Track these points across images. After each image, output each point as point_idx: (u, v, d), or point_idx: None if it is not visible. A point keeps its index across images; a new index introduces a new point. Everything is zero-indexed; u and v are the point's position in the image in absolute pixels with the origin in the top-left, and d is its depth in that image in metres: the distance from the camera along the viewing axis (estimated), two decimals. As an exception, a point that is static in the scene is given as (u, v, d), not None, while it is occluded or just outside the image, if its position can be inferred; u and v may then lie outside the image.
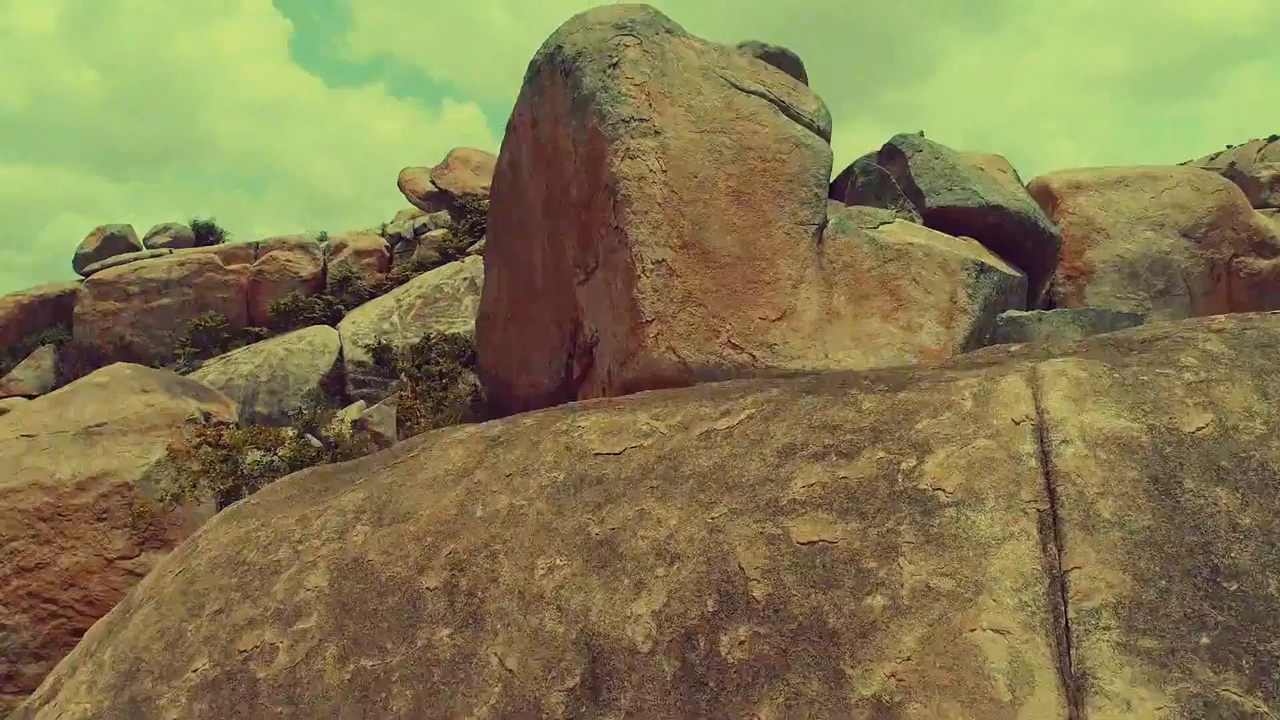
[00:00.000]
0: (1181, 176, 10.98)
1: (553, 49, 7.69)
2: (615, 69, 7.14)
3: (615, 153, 6.88)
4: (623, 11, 7.71)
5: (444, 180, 26.21)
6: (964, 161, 9.16)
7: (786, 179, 7.29)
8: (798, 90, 8.14)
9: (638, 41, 7.33)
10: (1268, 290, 10.78)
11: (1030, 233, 8.98)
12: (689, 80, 7.39)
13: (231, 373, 20.25)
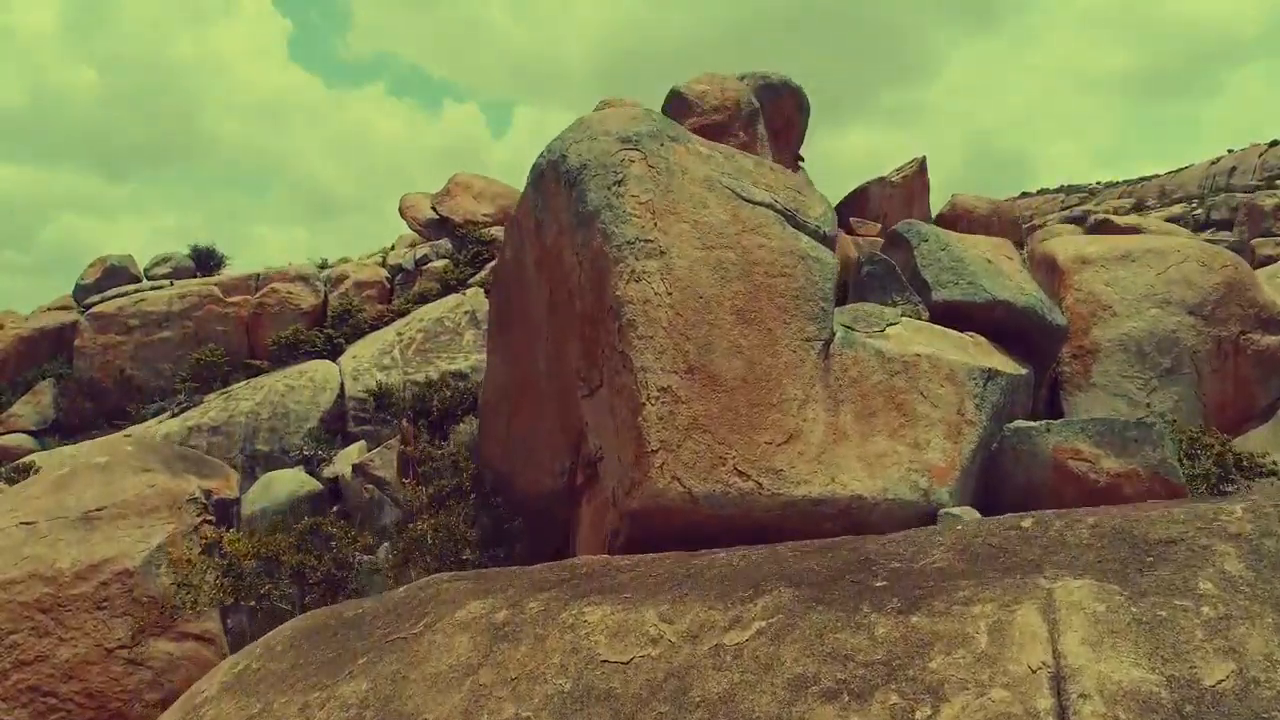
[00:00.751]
0: (1188, 251, 10.90)
1: (557, 156, 7.61)
2: (620, 186, 7.06)
3: (620, 275, 6.81)
4: (628, 120, 7.64)
5: (445, 207, 26.13)
6: (970, 251, 9.09)
7: (793, 294, 7.22)
8: (804, 193, 8.06)
9: (642, 156, 7.26)
10: (1276, 367, 10.72)
11: (1037, 325, 8.92)
12: (694, 194, 7.31)
13: (232, 409, 20.19)
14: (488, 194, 26.73)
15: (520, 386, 8.77)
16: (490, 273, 23.33)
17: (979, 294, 8.72)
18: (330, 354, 21.60)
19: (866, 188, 27.53)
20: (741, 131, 22.07)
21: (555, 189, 7.61)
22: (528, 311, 8.40)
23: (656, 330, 6.71)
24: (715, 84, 22.68)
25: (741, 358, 6.88)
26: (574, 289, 7.33)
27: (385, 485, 17.50)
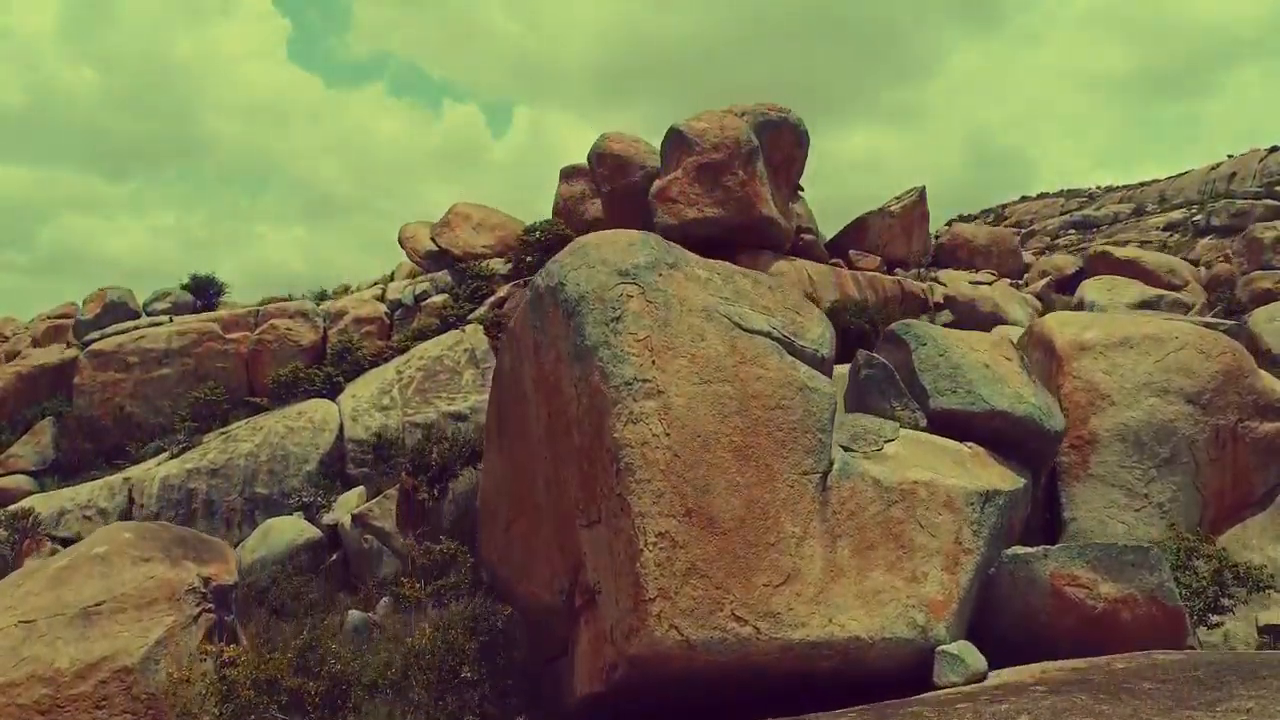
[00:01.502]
0: (1186, 338, 10.91)
1: (555, 283, 7.61)
2: (618, 323, 7.07)
3: (618, 416, 6.82)
4: (625, 248, 7.64)
5: (444, 239, 26.12)
6: (969, 356, 9.10)
7: (790, 427, 7.23)
8: (801, 312, 8.07)
9: (640, 290, 7.26)
10: (1274, 454, 10.73)
11: (1035, 433, 8.93)
12: (692, 325, 7.32)
13: (232, 451, 20.23)
14: (487, 225, 26.74)
15: (519, 494, 8.79)
16: (490, 308, 23.37)
17: (977, 403, 8.73)
18: (330, 392, 21.62)
19: (866, 219, 27.57)
20: (741, 169, 22.12)
21: (554, 314, 7.61)
22: (526, 427, 8.41)
23: (654, 473, 6.72)
24: (715, 121, 22.70)
25: (739, 496, 6.90)
26: (572, 420, 7.34)
27: (384, 536, 17.55)
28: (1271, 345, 19.94)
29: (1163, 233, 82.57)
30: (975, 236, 28.01)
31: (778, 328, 7.65)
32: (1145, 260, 25.04)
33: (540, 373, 7.89)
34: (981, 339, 9.88)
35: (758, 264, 22.13)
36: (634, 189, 23.31)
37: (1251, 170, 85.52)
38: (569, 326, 7.33)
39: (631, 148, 23.88)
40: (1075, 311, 12.83)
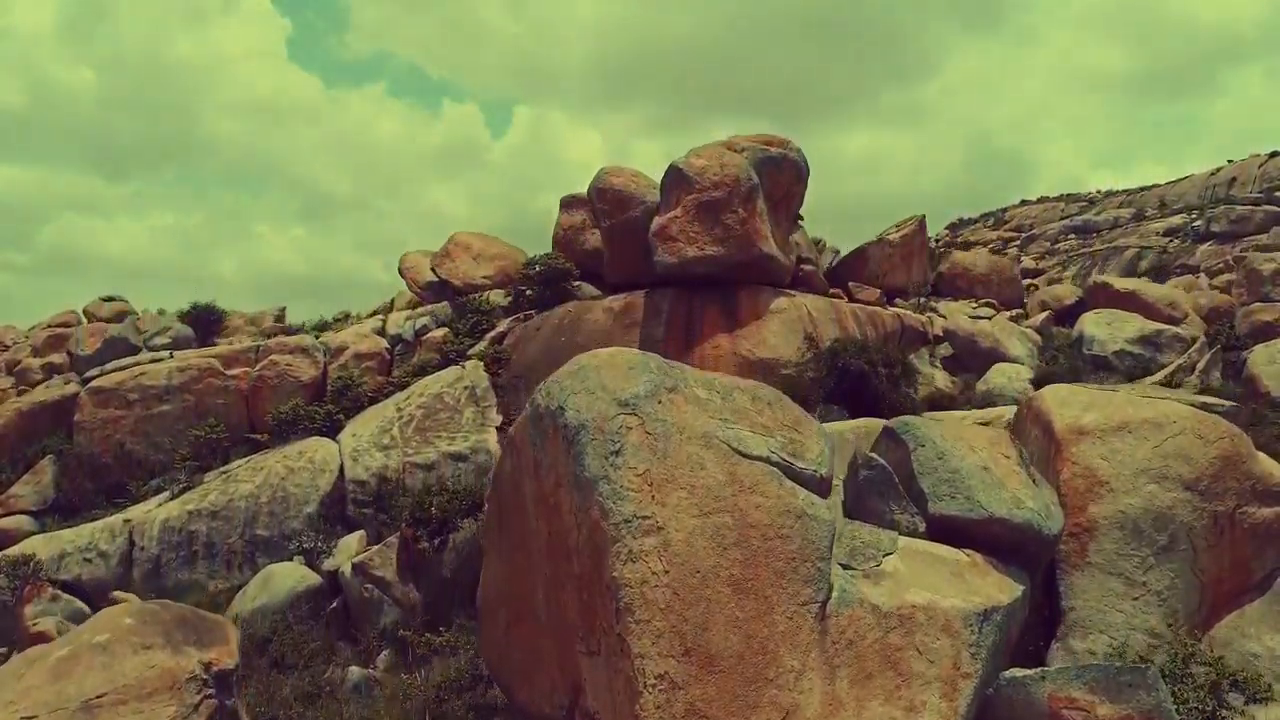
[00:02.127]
0: (1185, 423, 10.92)
1: (555, 406, 7.63)
2: (618, 456, 7.09)
3: (618, 555, 6.85)
4: (625, 373, 7.65)
5: (444, 269, 26.15)
6: (967, 459, 9.11)
7: (788, 557, 7.26)
8: (800, 429, 8.08)
9: (640, 421, 7.28)
10: (1272, 540, 10.76)
11: (1033, 539, 8.96)
12: (691, 454, 7.34)
13: (232, 493, 20.27)
14: (487, 255, 26.77)
15: (518, 598, 8.82)
16: (490, 343, 23.40)
17: (975, 510, 8.75)
18: (330, 430, 21.67)
19: (865, 249, 27.60)
20: (740, 207, 22.13)
21: (555, 439, 7.63)
22: (526, 537, 8.44)
23: (654, 613, 6.76)
24: (714, 158, 22.70)
25: (738, 631, 6.93)
26: (572, 548, 7.37)
27: (385, 585, 17.59)
28: (1271, 388, 19.98)
29: (1163, 238, 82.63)
30: (975, 265, 28.03)
31: (776, 451, 7.67)
32: (1145, 293, 25.04)
33: (540, 492, 7.92)
34: (980, 434, 9.89)
35: (758, 300, 22.20)
36: (634, 224, 23.32)
37: (1252, 175, 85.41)
38: (569, 454, 7.35)
39: (632, 182, 23.88)
40: (1073, 387, 12.78)
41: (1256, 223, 76.73)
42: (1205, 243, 78.96)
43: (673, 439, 7.33)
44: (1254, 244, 75.70)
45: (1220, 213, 79.17)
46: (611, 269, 24.24)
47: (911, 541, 8.46)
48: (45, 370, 61.81)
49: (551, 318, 23.46)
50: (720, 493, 7.27)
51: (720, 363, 21.16)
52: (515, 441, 8.67)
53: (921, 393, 22.14)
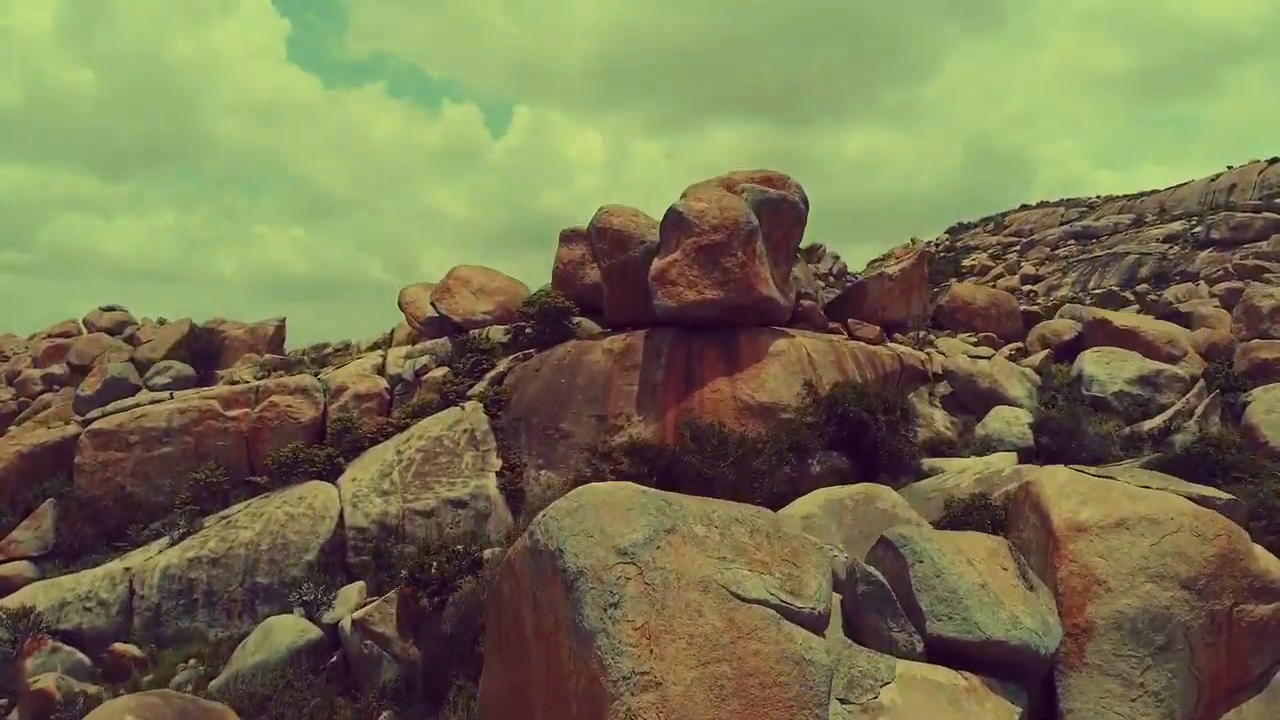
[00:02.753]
0: (1183, 519, 10.95)
1: (555, 548, 7.66)
2: (616, 609, 7.13)
3: (615, 714, 6.88)
4: (624, 515, 7.67)
5: (445, 304, 26.15)
6: (965, 577, 9.14)
7: (787, 705, 7.29)
8: (799, 563, 8.11)
9: (638, 571, 7.31)
10: (1269, 636, 10.80)
11: (1030, 657, 9.00)
12: (690, 602, 7.37)
13: (232, 539, 20.32)
14: (487, 290, 26.77)
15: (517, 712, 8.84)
16: (490, 384, 23.41)
17: (973, 632, 8.80)
18: (330, 473, 21.70)
19: (865, 283, 27.59)
20: (740, 250, 22.13)
21: (554, 581, 7.66)
22: (527, 662, 8.47)
23: (652, 774, 6.79)
24: (714, 201, 22.69)
25: (736, 785, 6.96)
26: (571, 693, 7.41)
27: (385, 641, 17.64)
28: (1270, 438, 20.00)
29: (1162, 244, 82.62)
30: (974, 298, 28.03)
31: (775, 591, 7.69)
32: (1144, 331, 25.03)
33: (540, 628, 7.95)
34: (977, 545, 9.92)
35: (757, 343, 22.22)
36: (633, 264, 23.33)
37: (1251, 182, 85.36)
38: (568, 599, 7.39)
39: (631, 222, 23.87)
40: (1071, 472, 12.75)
41: (1256, 230, 76.69)
42: (1205, 249, 79.00)
43: (671, 588, 7.36)
44: (1254, 251, 75.70)
45: (1220, 219, 79.12)
46: (611, 308, 24.24)
47: (910, 667, 8.49)
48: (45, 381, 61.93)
49: (551, 357, 23.47)
50: (719, 640, 7.30)
51: (720, 406, 21.21)
52: (514, 567, 8.69)
53: (921, 436, 22.15)
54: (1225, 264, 75.06)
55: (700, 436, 19.92)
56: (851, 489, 14.57)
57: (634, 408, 21.79)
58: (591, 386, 22.33)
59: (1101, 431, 21.49)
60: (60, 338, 66.60)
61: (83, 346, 64.31)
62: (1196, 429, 21.31)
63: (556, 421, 22.12)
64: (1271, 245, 74.61)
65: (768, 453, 19.48)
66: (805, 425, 20.52)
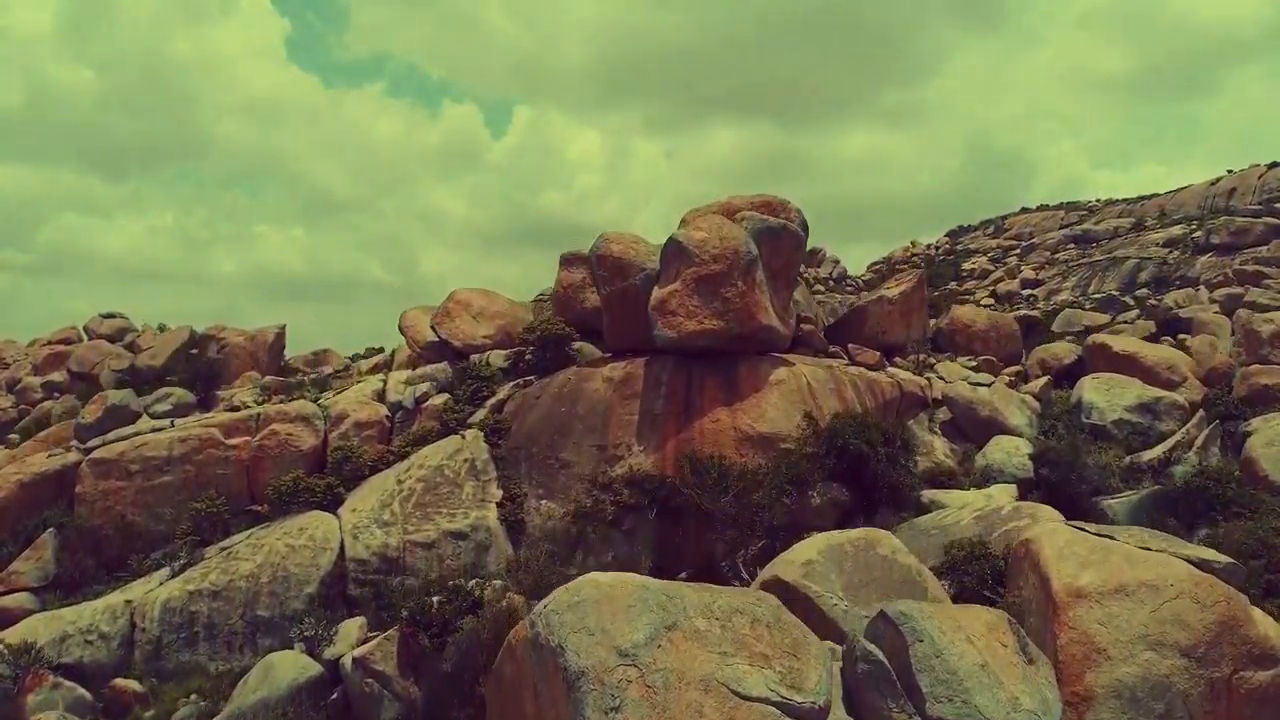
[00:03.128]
0: (1182, 585, 10.98)
1: (555, 645, 7.69)
2: (618, 713, 7.16)
3: (617, 821, 6.91)
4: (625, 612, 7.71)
5: (444, 329, 26.17)
6: (965, 657, 9.16)
7: (788, 806, 7.32)
8: (799, 655, 8.14)
9: (639, 674, 7.35)
10: (1266, 704, 10.83)
11: (1030, 739, 9.02)
12: (691, 702, 7.40)
13: (233, 572, 20.34)
14: (487, 313, 26.79)
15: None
16: (490, 411, 23.42)
17: (973, 715, 8.82)
18: (330, 504, 21.73)
19: (865, 307, 27.58)
20: (740, 280, 22.14)
21: (555, 678, 7.70)
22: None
23: None
24: (714, 230, 22.70)
25: None
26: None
27: (385, 680, 17.67)
28: (1269, 471, 20.02)
29: (1163, 249, 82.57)
30: (975, 321, 28.05)
31: (775, 687, 7.73)
32: (1144, 356, 25.04)
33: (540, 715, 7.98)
34: (976, 620, 9.93)
35: (757, 372, 22.24)
36: (633, 291, 23.35)
37: (1251, 186, 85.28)
38: (570, 698, 7.42)
39: (631, 249, 23.88)
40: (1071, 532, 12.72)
41: (1256, 234, 76.63)
42: (1205, 254, 78.99)
43: (673, 688, 7.40)
44: (1254, 256, 75.71)
45: (1220, 224, 79.09)
46: (612, 334, 24.26)
47: (910, 750, 8.52)
48: (45, 389, 61.89)
49: (551, 385, 23.51)
50: (720, 742, 7.33)
51: (720, 437, 21.24)
52: (515, 653, 8.72)
53: (921, 465, 22.20)
54: (1225, 269, 75.06)
55: (700, 470, 19.97)
56: (852, 534, 14.59)
57: (634, 437, 21.82)
58: (591, 415, 22.36)
59: (1101, 462, 21.55)
60: (60, 344, 66.55)
61: (83, 354, 64.34)
62: (1196, 460, 21.35)
63: (557, 451, 22.15)
64: (1271, 250, 74.56)
65: (768, 486, 19.51)
66: (805, 457, 20.54)
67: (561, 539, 20.89)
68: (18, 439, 58.54)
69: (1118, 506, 20.21)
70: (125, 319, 71.30)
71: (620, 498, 20.96)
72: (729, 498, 19.34)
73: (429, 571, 20.37)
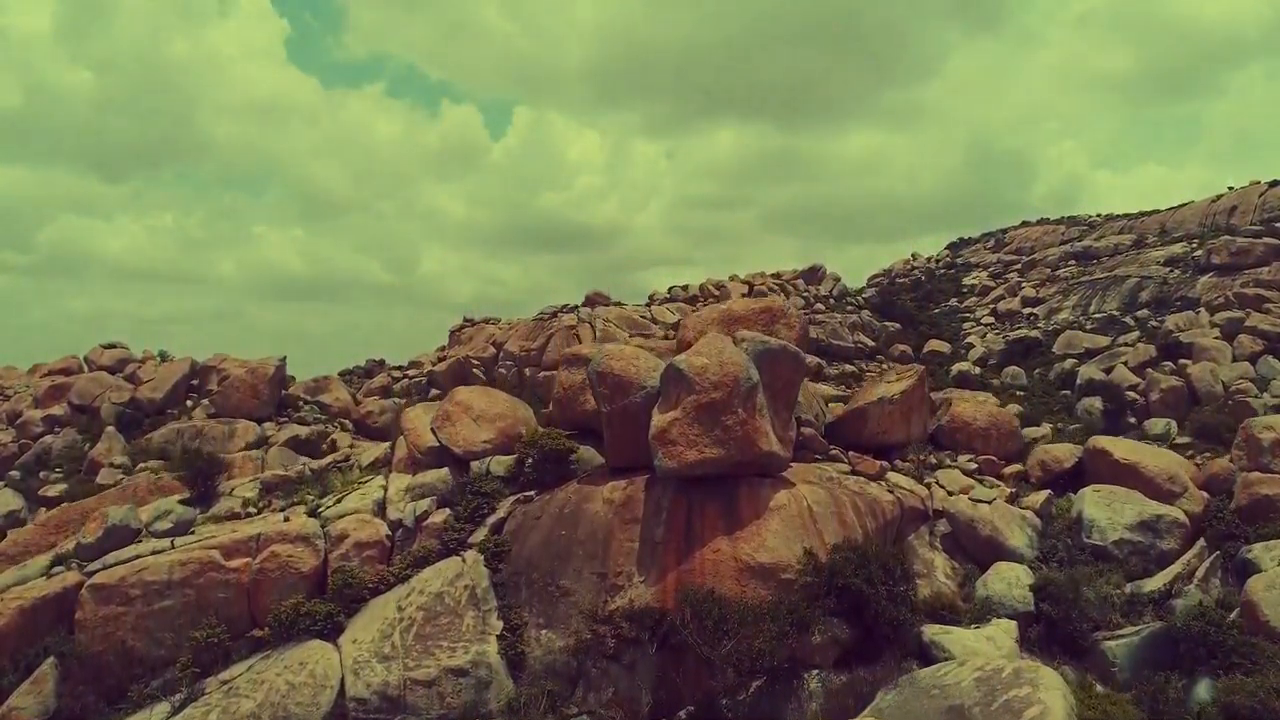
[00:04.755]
0: None
1: None
2: None
3: None
4: None
5: (445, 433, 26.11)
6: None
7: None
8: None
9: None
10: None
11: None
12: None
13: (234, 710, 20.36)
14: (487, 416, 26.73)
15: None
16: (490, 531, 23.43)
17: None
18: (331, 631, 21.77)
19: (865, 409, 27.51)
20: (740, 407, 22.12)
21: None
22: None
23: None
24: (714, 356, 22.65)
25: None
26: None
27: (389, 845, 17.76)
28: (1270, 618, 20.01)
29: (1163, 267, 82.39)
30: (975, 419, 27.98)
31: None
32: (1145, 466, 24.98)
33: None
34: None
35: (758, 496, 22.24)
36: (634, 409, 23.33)
37: (1252, 204, 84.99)
38: None
39: (631, 366, 23.82)
40: None
41: (1257, 255, 76.44)
42: (1206, 274, 78.76)
43: None
44: (1254, 277, 75.55)
45: (1221, 244, 78.97)
46: (612, 451, 24.24)
47: None
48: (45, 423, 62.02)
49: (552, 504, 23.50)
50: None
51: (721, 568, 21.25)
52: None
53: (921, 592, 22.24)
54: (1226, 291, 74.93)
55: (701, 613, 19.96)
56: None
57: (635, 566, 21.82)
58: (592, 541, 22.35)
59: (1102, 593, 21.57)
60: (60, 374, 66.68)
61: (84, 386, 64.58)
62: (1197, 595, 21.36)
63: (557, 578, 22.16)
64: (1272, 273, 74.36)
65: (768, 632, 19.53)
66: (805, 592, 20.57)
67: (562, 673, 20.98)
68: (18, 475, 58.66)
69: (1118, 649, 20.27)
70: (126, 349, 71.42)
71: (621, 631, 21.00)
72: (729, 647, 19.37)
73: (429, 710, 20.46)
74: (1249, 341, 76.86)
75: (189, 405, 63.40)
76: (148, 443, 59.03)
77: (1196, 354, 76.29)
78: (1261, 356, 75.03)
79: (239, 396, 61.37)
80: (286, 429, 60.35)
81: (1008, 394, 77.15)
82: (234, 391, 62.35)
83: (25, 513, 54.14)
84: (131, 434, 60.20)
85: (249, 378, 62.23)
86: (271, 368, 61.58)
